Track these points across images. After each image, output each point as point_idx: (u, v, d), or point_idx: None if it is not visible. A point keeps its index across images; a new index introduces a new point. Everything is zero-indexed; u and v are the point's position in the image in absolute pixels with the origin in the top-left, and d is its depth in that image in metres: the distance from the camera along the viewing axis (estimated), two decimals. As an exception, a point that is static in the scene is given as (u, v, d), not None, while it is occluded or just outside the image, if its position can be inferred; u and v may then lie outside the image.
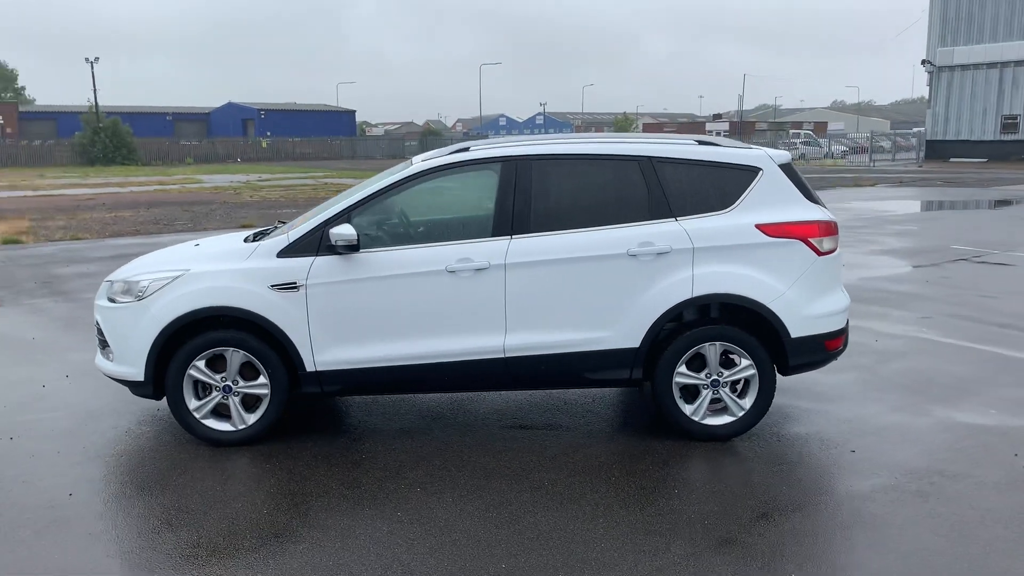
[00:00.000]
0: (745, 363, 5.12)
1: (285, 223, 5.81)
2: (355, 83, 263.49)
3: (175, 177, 38.08)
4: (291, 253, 5.09)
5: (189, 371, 5.09)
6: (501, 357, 5.09)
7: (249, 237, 5.71)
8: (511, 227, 5.08)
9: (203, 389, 5.18)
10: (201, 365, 5.10)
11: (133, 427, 5.58)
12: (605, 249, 5.05)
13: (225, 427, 5.18)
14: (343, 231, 4.95)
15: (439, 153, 5.52)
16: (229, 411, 5.17)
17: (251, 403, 5.20)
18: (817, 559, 3.81)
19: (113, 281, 5.40)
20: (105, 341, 5.33)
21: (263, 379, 5.13)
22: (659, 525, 4.13)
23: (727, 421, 5.19)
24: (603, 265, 5.05)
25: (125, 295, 5.23)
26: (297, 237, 5.14)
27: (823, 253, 5.16)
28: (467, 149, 5.43)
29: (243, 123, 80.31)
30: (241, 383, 5.15)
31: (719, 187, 5.17)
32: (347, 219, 5.10)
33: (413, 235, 5.39)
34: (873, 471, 4.74)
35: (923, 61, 48.63)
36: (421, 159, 5.51)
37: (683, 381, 5.14)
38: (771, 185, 5.18)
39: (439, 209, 5.77)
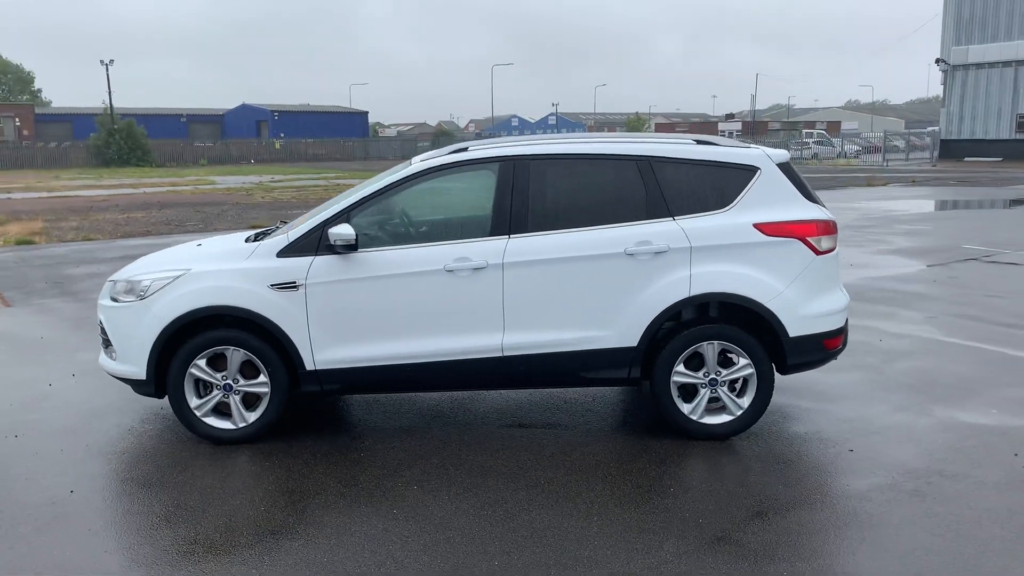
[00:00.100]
0: (743, 362, 5.12)
1: (287, 223, 5.85)
2: (368, 84, 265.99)
3: (188, 178, 38.33)
4: (291, 253, 5.13)
5: (190, 370, 5.14)
6: (499, 356, 5.10)
7: (250, 237, 5.75)
8: (509, 227, 5.10)
9: (204, 387, 5.23)
10: (202, 364, 5.15)
11: (136, 425, 5.64)
12: (603, 248, 5.06)
13: (226, 425, 5.23)
14: (341, 231, 4.99)
15: (438, 153, 5.54)
16: (230, 409, 5.22)
17: (251, 401, 5.25)
18: (810, 558, 3.80)
19: (116, 281, 5.46)
20: (108, 340, 5.39)
21: (263, 378, 5.17)
22: (653, 523, 4.14)
23: (725, 420, 5.18)
24: (601, 264, 5.06)
25: (128, 294, 5.29)
26: (297, 237, 5.18)
27: (821, 252, 5.15)
28: (465, 149, 5.46)
29: (257, 124, 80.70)
30: (242, 382, 5.19)
31: (717, 186, 5.16)
32: (346, 219, 5.14)
33: (412, 235, 5.42)
34: (871, 470, 4.73)
35: (937, 60, 48.22)
36: (420, 159, 5.54)
37: (681, 380, 5.15)
38: (769, 184, 5.18)
39: (438, 209, 5.79)
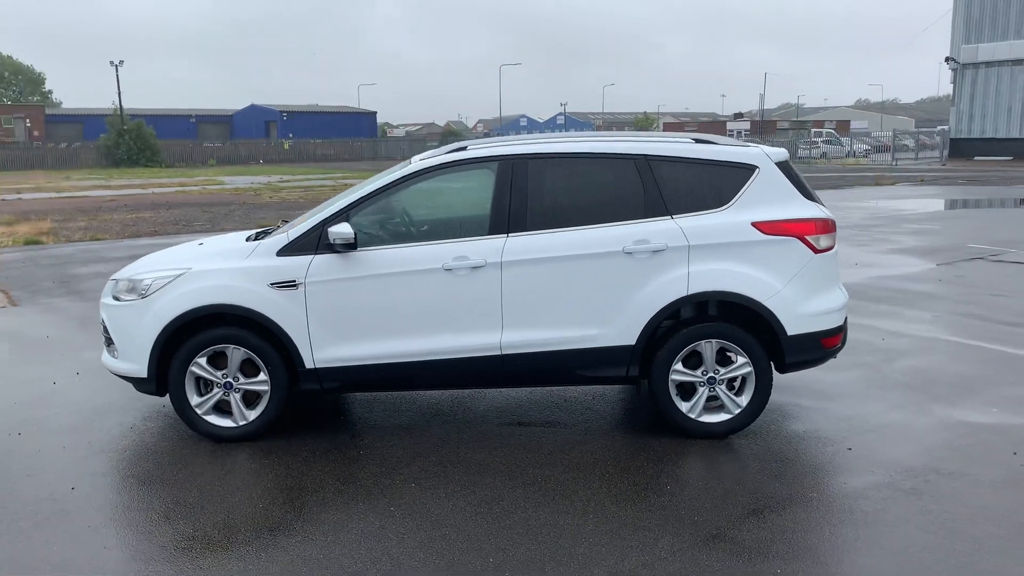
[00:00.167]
0: (741, 360, 5.12)
1: (288, 222, 5.88)
2: (376, 85, 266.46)
3: (197, 179, 38.48)
4: (290, 252, 5.17)
5: (191, 368, 5.18)
6: (498, 354, 5.12)
7: (251, 236, 5.79)
8: (507, 225, 5.12)
9: (205, 386, 5.27)
10: (203, 362, 5.18)
11: (138, 423, 5.68)
12: (601, 247, 5.07)
13: (226, 423, 5.26)
14: (341, 230, 5.01)
15: (436, 152, 5.57)
16: (230, 407, 5.26)
17: (252, 399, 5.28)
18: (804, 555, 3.81)
19: (118, 280, 5.50)
20: (110, 338, 5.43)
21: (263, 376, 5.20)
22: (649, 521, 4.15)
23: (724, 418, 5.19)
24: (599, 263, 5.07)
25: (129, 293, 5.33)
26: (296, 236, 5.21)
27: (820, 251, 5.15)
28: (464, 148, 5.48)
29: (265, 125, 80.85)
30: (242, 380, 5.23)
31: (715, 185, 5.17)
32: (345, 218, 5.17)
33: (411, 233, 5.44)
34: (868, 469, 4.73)
35: (947, 58, 47.95)
36: (419, 158, 5.56)
37: (679, 378, 5.15)
38: (767, 183, 5.18)
39: (437, 208, 5.82)
